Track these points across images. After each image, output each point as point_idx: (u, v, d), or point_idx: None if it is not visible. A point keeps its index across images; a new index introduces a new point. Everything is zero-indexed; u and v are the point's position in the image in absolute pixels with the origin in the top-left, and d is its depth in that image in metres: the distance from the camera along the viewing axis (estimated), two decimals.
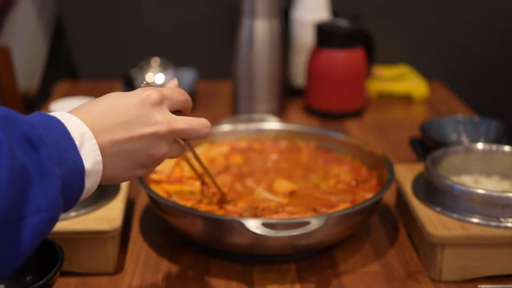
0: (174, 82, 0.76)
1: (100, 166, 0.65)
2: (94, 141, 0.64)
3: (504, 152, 1.00)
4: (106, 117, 0.66)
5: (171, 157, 0.72)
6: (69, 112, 0.66)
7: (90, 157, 0.63)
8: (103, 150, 0.65)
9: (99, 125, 0.65)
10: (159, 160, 0.71)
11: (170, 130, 0.69)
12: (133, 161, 0.68)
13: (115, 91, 0.71)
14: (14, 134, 0.57)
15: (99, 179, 0.65)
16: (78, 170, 0.62)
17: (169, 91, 0.71)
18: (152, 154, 0.69)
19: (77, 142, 0.62)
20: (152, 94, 0.68)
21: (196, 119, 0.72)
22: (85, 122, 0.65)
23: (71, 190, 0.62)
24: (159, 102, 0.69)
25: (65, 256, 0.77)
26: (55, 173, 0.59)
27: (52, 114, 0.64)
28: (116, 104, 0.68)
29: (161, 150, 0.69)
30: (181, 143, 0.73)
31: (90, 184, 0.64)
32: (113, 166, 0.67)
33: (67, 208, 0.63)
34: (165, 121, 0.68)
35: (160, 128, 0.68)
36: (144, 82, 0.72)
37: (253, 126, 1.18)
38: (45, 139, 0.59)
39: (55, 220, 0.59)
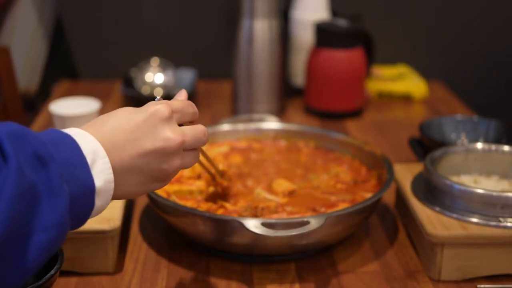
0: (183, 93, 0.75)
1: (112, 185, 0.64)
2: (106, 159, 0.64)
3: (503, 152, 1.00)
4: (116, 135, 0.66)
5: (186, 167, 0.72)
6: (82, 128, 0.66)
7: (102, 175, 0.63)
8: (114, 167, 0.65)
9: (110, 142, 0.65)
10: (173, 174, 0.70)
11: (179, 144, 0.68)
12: (145, 176, 0.68)
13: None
14: (24, 150, 0.57)
15: (110, 197, 0.65)
16: (88, 188, 0.61)
17: (179, 104, 0.71)
18: (165, 169, 0.68)
19: (89, 159, 0.62)
20: (160, 109, 0.68)
21: (197, 127, 0.72)
22: (97, 139, 0.64)
23: (79, 208, 0.61)
24: (169, 117, 0.68)
25: (65, 255, 0.77)
26: (64, 190, 0.58)
27: (65, 130, 0.64)
28: (125, 120, 0.67)
29: (174, 164, 0.69)
30: (193, 152, 0.72)
31: (101, 202, 0.64)
32: (125, 184, 0.66)
33: (75, 226, 0.63)
34: (174, 136, 0.68)
35: (170, 143, 0.67)
36: (158, 98, 0.71)
37: (252, 126, 1.18)
38: (55, 156, 0.59)
39: (62, 238, 0.59)
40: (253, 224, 0.83)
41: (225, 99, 1.55)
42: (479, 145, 1.02)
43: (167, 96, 1.46)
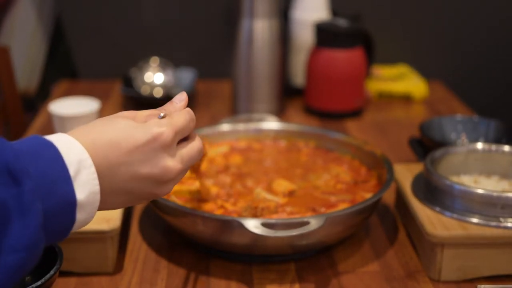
0: (184, 96, 0.71)
1: (97, 196, 0.60)
2: (93, 169, 0.60)
3: (503, 152, 1.00)
4: (111, 153, 0.62)
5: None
6: (73, 133, 0.62)
7: (86, 187, 0.59)
8: (103, 187, 0.61)
9: (104, 160, 0.61)
10: (162, 195, 0.68)
11: (177, 173, 0.66)
12: (134, 197, 0.65)
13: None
14: None
15: (95, 210, 0.61)
16: (68, 202, 0.58)
17: (182, 123, 0.67)
18: (157, 194, 0.66)
19: (72, 170, 0.58)
20: (164, 134, 0.64)
21: (193, 147, 0.69)
22: (89, 151, 0.60)
23: (58, 224, 0.58)
24: (171, 143, 0.65)
25: (64, 256, 0.77)
26: (36, 209, 0.55)
27: (50, 138, 0.60)
28: (124, 137, 0.63)
29: (167, 189, 0.67)
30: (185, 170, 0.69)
31: (84, 216, 0.60)
32: (111, 202, 0.64)
33: (55, 241, 0.59)
34: (173, 165, 0.65)
35: (168, 173, 0.65)
36: (162, 115, 0.67)
37: (252, 126, 1.17)
38: (30, 170, 0.55)
39: (34, 259, 0.56)
40: (253, 224, 0.83)
41: (224, 99, 1.55)
42: (479, 145, 1.01)
43: (167, 97, 1.46)
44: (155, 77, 1.52)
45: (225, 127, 1.16)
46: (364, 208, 0.90)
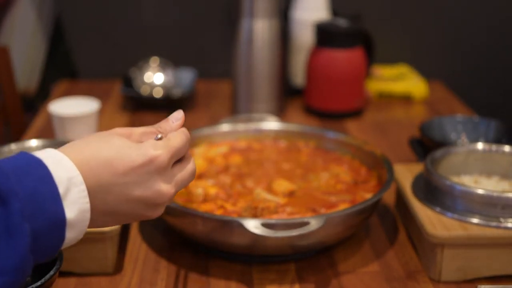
0: (180, 115, 0.70)
1: (88, 214, 0.59)
2: (83, 187, 0.58)
3: (504, 152, 1.00)
4: (104, 172, 0.60)
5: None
6: (65, 149, 0.60)
7: (76, 205, 0.58)
8: (94, 208, 0.60)
9: (96, 180, 0.60)
10: (152, 218, 0.66)
11: (170, 197, 0.65)
12: (124, 217, 0.64)
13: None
14: None
15: (85, 228, 0.60)
16: (57, 221, 0.56)
17: (179, 146, 0.65)
18: (147, 216, 0.65)
19: (61, 188, 0.57)
20: (160, 158, 0.62)
21: (188, 169, 0.67)
22: (79, 166, 0.59)
23: (47, 243, 0.57)
24: (166, 166, 0.63)
25: (64, 256, 0.77)
26: (23, 230, 0.53)
27: (39, 154, 0.58)
28: (119, 157, 0.61)
29: (158, 212, 0.65)
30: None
31: (74, 234, 0.59)
32: (102, 220, 0.63)
33: (44, 259, 0.58)
34: (167, 189, 0.64)
35: (161, 196, 0.63)
36: (159, 136, 0.66)
37: (252, 126, 1.17)
38: (18, 189, 0.54)
39: (20, 281, 0.54)
40: (253, 225, 0.83)
41: (224, 99, 1.55)
42: (480, 145, 1.01)
43: (167, 97, 1.46)
44: (155, 77, 1.52)
45: (225, 127, 1.16)
46: (364, 208, 0.90)
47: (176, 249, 0.95)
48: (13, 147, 0.99)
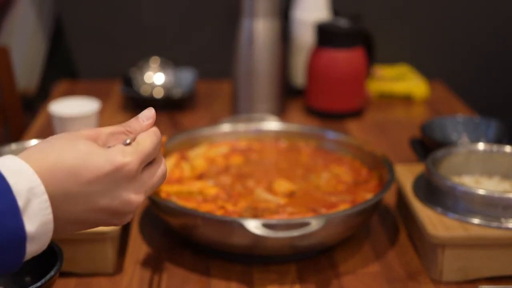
0: (151, 113, 0.65)
1: (50, 225, 0.56)
2: (45, 197, 0.55)
3: (504, 152, 1.00)
4: (68, 181, 0.57)
5: None
6: (27, 157, 0.57)
7: (37, 217, 0.55)
8: (58, 218, 0.57)
9: (59, 186, 0.56)
10: (120, 225, 0.64)
11: (139, 205, 0.61)
12: (90, 225, 0.61)
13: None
14: None
15: (49, 239, 0.57)
16: (16, 237, 0.54)
17: (149, 150, 0.62)
18: (114, 224, 0.62)
19: (21, 201, 0.54)
20: (129, 165, 0.59)
21: (158, 173, 0.64)
22: (41, 175, 0.55)
23: (6, 259, 0.54)
24: (135, 173, 0.60)
25: (64, 256, 0.77)
26: None
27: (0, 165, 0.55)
28: (84, 164, 0.57)
29: (125, 220, 0.62)
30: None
31: (35, 247, 0.56)
32: (66, 229, 0.60)
33: (4, 274, 0.56)
34: (137, 198, 0.61)
35: (130, 206, 0.60)
36: (127, 141, 0.62)
37: (253, 126, 1.17)
38: None
39: None
40: (253, 225, 0.83)
41: (225, 99, 1.55)
42: (481, 146, 1.01)
43: (167, 97, 1.46)
44: (155, 77, 1.52)
45: (225, 127, 1.16)
46: (365, 208, 0.90)
47: (176, 249, 0.95)
48: (13, 147, 0.99)
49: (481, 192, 0.88)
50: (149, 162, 0.63)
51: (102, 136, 0.63)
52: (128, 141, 0.62)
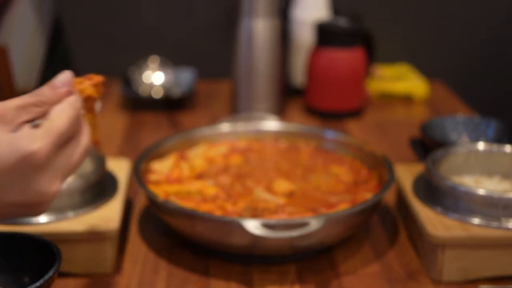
0: (68, 79, 0.55)
1: None
2: None
3: (505, 152, 1.00)
4: None
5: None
6: None
7: None
8: None
9: None
10: (36, 216, 0.58)
11: (54, 196, 0.54)
12: (4, 219, 0.57)
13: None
14: None
15: None
16: None
17: (64, 126, 0.52)
18: (31, 215, 0.56)
19: None
20: (38, 153, 0.50)
21: (79, 149, 0.55)
22: None
23: None
24: (46, 160, 0.51)
25: (63, 256, 0.77)
26: None
27: None
28: None
29: (42, 210, 0.55)
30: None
31: None
32: None
33: None
34: (50, 189, 0.53)
35: (43, 197, 0.53)
36: (37, 122, 0.53)
37: (252, 126, 1.17)
38: None
39: None
40: (253, 225, 0.83)
41: (224, 99, 1.55)
42: (481, 145, 1.01)
43: (166, 97, 1.46)
44: (154, 77, 1.52)
45: (225, 127, 1.16)
46: (365, 208, 0.90)
47: (176, 250, 0.95)
48: None
49: (481, 192, 0.88)
50: (66, 140, 0.54)
51: (8, 111, 0.53)
52: (37, 122, 0.53)
